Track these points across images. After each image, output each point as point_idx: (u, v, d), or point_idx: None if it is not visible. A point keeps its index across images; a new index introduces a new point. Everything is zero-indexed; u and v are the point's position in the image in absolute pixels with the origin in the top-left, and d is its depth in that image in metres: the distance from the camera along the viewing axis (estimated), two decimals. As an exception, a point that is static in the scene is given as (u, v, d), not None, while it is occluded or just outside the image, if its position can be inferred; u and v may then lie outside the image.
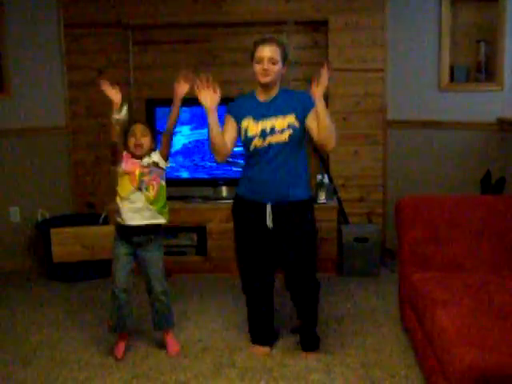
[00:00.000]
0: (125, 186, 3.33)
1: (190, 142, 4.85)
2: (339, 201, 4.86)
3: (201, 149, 4.84)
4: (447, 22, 4.63)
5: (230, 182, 4.74)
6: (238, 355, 3.41)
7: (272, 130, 3.16)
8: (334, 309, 4.05)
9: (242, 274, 3.45)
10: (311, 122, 3.16)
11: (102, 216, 4.80)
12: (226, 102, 3.31)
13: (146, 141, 3.34)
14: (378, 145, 4.92)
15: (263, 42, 3.12)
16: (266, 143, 3.17)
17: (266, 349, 3.46)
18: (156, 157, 3.37)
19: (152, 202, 3.33)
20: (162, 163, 3.38)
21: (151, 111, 4.86)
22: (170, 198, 4.72)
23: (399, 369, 3.20)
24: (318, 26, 4.91)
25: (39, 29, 4.95)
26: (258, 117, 3.19)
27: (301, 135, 3.21)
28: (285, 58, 3.17)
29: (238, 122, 3.25)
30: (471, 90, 4.67)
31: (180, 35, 5.00)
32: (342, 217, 4.88)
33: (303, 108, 3.19)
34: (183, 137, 4.84)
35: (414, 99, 4.83)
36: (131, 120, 3.40)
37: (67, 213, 5.11)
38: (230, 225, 3.62)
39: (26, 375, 3.24)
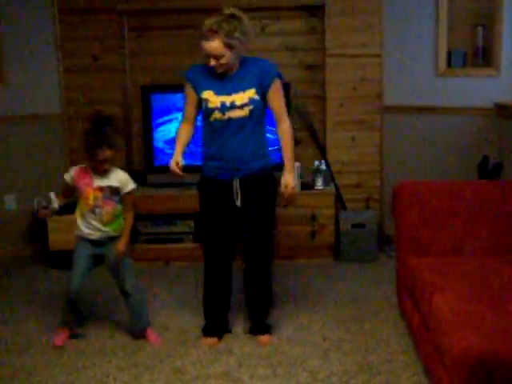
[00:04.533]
0: (81, 205, 3.32)
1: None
2: (336, 187, 4.85)
3: (197, 136, 4.80)
4: (444, 7, 4.60)
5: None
6: (234, 342, 3.42)
7: (232, 105, 3.15)
8: (332, 294, 4.06)
9: (205, 252, 3.42)
10: (272, 101, 3.21)
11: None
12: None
13: (110, 166, 3.28)
14: (374, 130, 4.90)
15: (202, 36, 3.03)
16: (225, 117, 3.16)
17: (214, 339, 3.43)
18: (116, 181, 3.30)
19: (105, 225, 3.32)
20: (127, 186, 3.33)
21: (147, 98, 4.83)
22: (166, 185, 4.77)
23: (396, 354, 3.21)
24: (315, 11, 4.88)
25: (34, 15, 4.91)
26: (218, 91, 3.17)
27: (261, 107, 3.21)
28: (231, 41, 3.03)
29: (198, 92, 3.21)
30: (468, 75, 4.66)
31: (175, 21, 4.96)
32: (340, 203, 4.87)
33: (262, 80, 3.17)
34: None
35: (411, 84, 4.81)
36: (96, 138, 3.22)
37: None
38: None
39: (24, 362, 3.24)
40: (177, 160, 3.24)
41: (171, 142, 4.78)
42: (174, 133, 3.48)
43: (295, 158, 4.74)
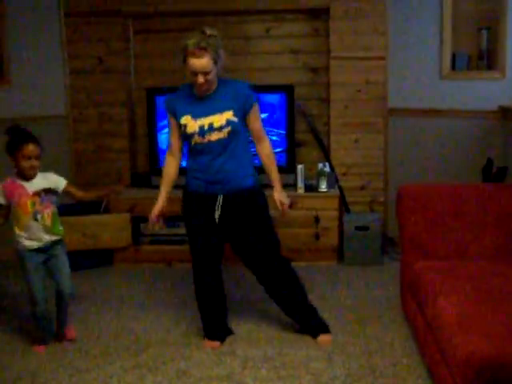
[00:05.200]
0: (20, 217, 3.26)
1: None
2: (340, 189, 4.85)
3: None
4: (448, 9, 4.60)
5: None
6: (238, 344, 3.42)
7: (210, 128, 3.15)
8: (335, 297, 4.05)
9: (193, 262, 3.44)
10: (252, 123, 3.24)
11: (103, 205, 4.79)
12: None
13: (38, 162, 3.25)
14: (379, 133, 4.89)
15: (194, 54, 3.00)
16: (205, 140, 3.17)
17: (216, 343, 3.42)
18: (48, 181, 3.30)
19: (50, 229, 3.31)
20: (61, 182, 3.34)
21: (152, 100, 4.84)
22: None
23: (400, 357, 3.20)
24: (319, 14, 4.89)
25: (39, 17, 4.93)
26: (196, 114, 3.17)
27: (240, 128, 3.21)
28: (218, 57, 3.06)
29: (177, 118, 3.23)
30: (473, 77, 4.65)
31: (180, 23, 4.97)
32: (344, 205, 4.87)
33: (243, 105, 3.18)
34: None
35: (416, 87, 4.81)
36: (19, 136, 3.23)
37: (68, 202, 5.10)
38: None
39: (27, 364, 3.25)
40: (160, 207, 3.35)
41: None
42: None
43: (299, 160, 4.81)
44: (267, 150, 3.33)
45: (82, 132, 5.11)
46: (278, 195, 3.32)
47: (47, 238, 3.32)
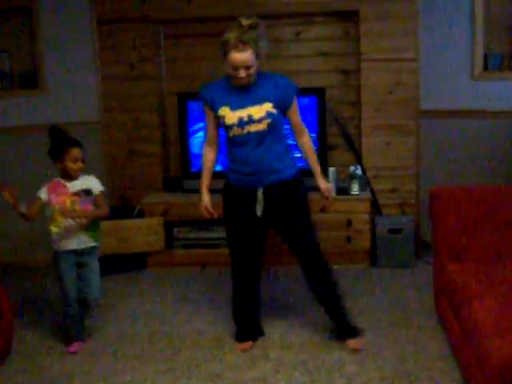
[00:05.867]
0: (58, 216, 3.35)
1: (221, 136, 4.85)
2: (372, 192, 4.83)
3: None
4: (480, 9, 4.56)
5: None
6: (271, 347, 3.43)
7: (250, 119, 3.15)
8: (368, 301, 4.04)
9: (232, 260, 3.44)
10: (292, 116, 3.27)
11: (136, 209, 4.84)
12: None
13: (83, 165, 3.38)
14: (410, 135, 4.85)
15: (237, 48, 3.00)
16: (244, 131, 3.17)
17: (248, 343, 3.44)
18: (88, 183, 3.41)
19: (86, 229, 3.39)
20: (97, 187, 3.44)
21: (183, 105, 4.88)
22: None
23: (435, 361, 3.18)
24: (349, 17, 4.88)
25: (72, 25, 5.00)
26: (235, 106, 3.18)
27: (279, 120, 3.22)
28: (260, 52, 3.07)
29: (215, 110, 3.24)
30: (505, 78, 4.61)
31: (210, 28, 5.00)
32: (376, 208, 4.85)
33: (282, 98, 3.20)
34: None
35: (447, 88, 4.77)
36: (65, 140, 3.38)
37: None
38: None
39: (63, 366, 3.30)
40: (205, 203, 3.38)
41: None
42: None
43: (330, 163, 4.80)
44: (308, 142, 3.34)
45: (114, 137, 5.16)
46: (324, 185, 3.33)
47: (83, 238, 3.39)
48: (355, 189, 4.67)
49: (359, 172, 4.70)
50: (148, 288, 4.45)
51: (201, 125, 4.85)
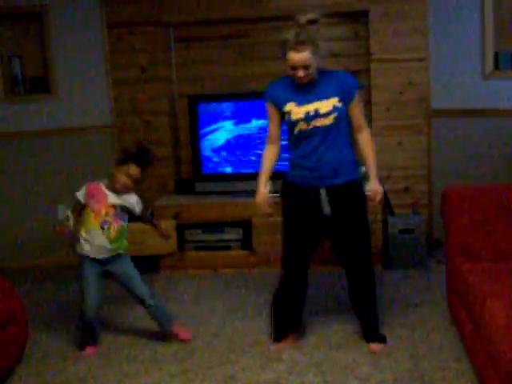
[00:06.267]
0: (89, 222, 3.36)
1: (233, 137, 4.87)
2: (384, 192, 4.81)
3: (244, 143, 4.86)
4: (490, 8, 4.54)
5: (275, 176, 4.74)
6: (284, 349, 3.42)
7: (316, 114, 3.14)
8: (380, 301, 4.02)
9: (284, 258, 3.41)
10: (353, 111, 3.22)
11: (148, 212, 4.85)
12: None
13: (133, 186, 3.39)
14: (421, 134, 4.85)
15: (295, 48, 3.00)
16: (310, 126, 3.16)
17: (286, 342, 3.44)
18: (128, 202, 3.42)
19: (111, 242, 3.39)
20: (138, 207, 3.46)
21: (194, 107, 4.89)
22: (214, 193, 4.84)
23: (448, 362, 3.16)
24: (358, 17, 4.87)
25: (83, 29, 5.04)
26: (300, 101, 3.17)
27: (344, 114, 3.21)
28: (317, 47, 3.06)
29: (280, 107, 3.23)
30: (517, 76, 4.59)
31: (220, 31, 5.02)
32: (388, 208, 4.84)
33: (346, 92, 3.18)
34: (226, 132, 4.86)
35: (458, 87, 4.75)
36: (138, 156, 3.37)
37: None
38: (276, 219, 3.62)
39: (77, 369, 3.31)
40: (263, 194, 3.32)
41: (218, 151, 4.85)
42: (222, 141, 3.49)
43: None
44: (367, 139, 3.30)
45: (126, 141, 5.18)
46: (376, 186, 3.29)
47: (108, 247, 3.39)
48: (367, 189, 4.64)
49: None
50: (160, 290, 4.46)
51: (212, 127, 4.88)
